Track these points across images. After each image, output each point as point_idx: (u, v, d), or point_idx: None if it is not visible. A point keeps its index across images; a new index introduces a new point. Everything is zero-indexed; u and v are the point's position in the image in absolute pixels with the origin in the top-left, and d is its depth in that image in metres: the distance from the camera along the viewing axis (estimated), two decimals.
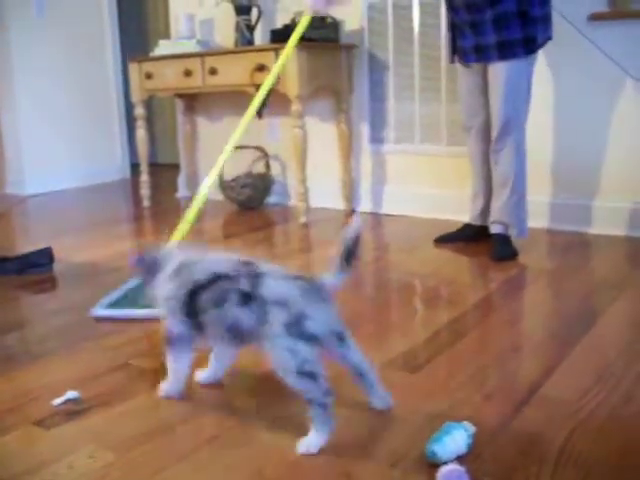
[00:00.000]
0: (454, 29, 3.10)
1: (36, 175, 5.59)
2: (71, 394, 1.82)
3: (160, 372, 1.94)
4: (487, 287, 2.68)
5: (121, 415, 1.71)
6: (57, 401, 1.80)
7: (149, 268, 1.78)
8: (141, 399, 1.80)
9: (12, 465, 1.50)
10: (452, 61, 3.21)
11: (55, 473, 1.46)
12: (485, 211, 3.24)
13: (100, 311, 2.48)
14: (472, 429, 1.48)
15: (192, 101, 4.93)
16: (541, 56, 3.28)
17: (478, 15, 2.90)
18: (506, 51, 2.88)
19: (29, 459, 1.52)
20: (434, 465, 1.40)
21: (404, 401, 1.72)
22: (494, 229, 3.11)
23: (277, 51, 3.74)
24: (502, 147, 2.99)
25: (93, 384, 1.90)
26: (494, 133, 3.00)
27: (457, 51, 3.13)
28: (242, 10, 4.20)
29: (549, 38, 2.97)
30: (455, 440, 1.42)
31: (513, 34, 2.85)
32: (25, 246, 3.59)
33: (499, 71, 2.92)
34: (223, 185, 4.50)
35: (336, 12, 4.03)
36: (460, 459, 1.42)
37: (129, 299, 2.58)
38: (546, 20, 2.92)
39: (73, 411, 1.74)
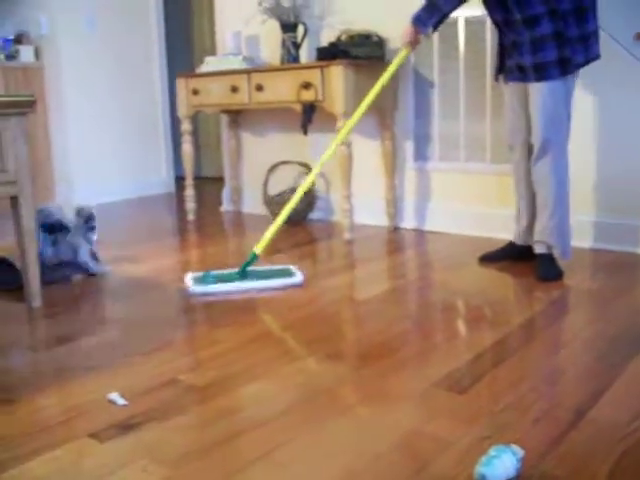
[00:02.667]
0: (502, 47, 3.13)
1: (84, 188, 5.72)
2: (121, 400, 1.89)
3: (209, 387, 1.99)
4: (532, 308, 2.67)
5: (173, 430, 1.75)
6: (112, 396, 1.91)
7: None
8: (192, 414, 1.84)
9: (66, 478, 1.54)
10: (496, 79, 3.23)
11: None
12: (529, 230, 3.23)
13: (198, 288, 2.97)
14: (520, 453, 1.48)
15: (237, 116, 5.00)
16: (586, 74, 3.28)
17: (518, 35, 2.93)
18: (541, 72, 2.90)
19: (83, 472, 1.57)
20: None
21: (451, 423, 1.74)
22: (538, 249, 3.11)
23: (323, 69, 3.78)
24: (541, 167, 2.99)
25: (144, 398, 1.95)
26: (534, 152, 3.01)
27: (504, 69, 3.15)
28: (288, 27, 4.26)
29: (596, 57, 2.96)
30: (504, 464, 1.43)
31: (548, 56, 2.86)
32: None
33: (536, 92, 2.94)
34: (267, 200, 4.55)
35: (381, 30, 4.07)
36: None
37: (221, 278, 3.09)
38: (586, 40, 2.90)
39: (126, 425, 1.79)
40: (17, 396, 1.99)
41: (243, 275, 3.09)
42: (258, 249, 3.14)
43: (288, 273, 3.13)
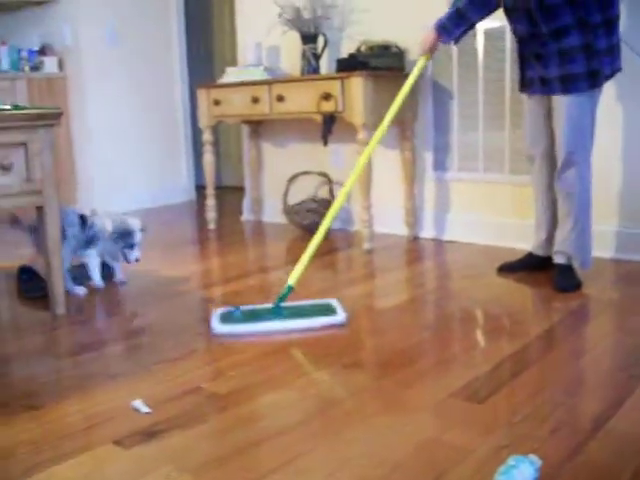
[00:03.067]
0: (522, 59, 3.12)
1: (105, 196, 5.79)
2: (144, 408, 1.94)
3: (231, 396, 2.02)
4: (550, 318, 2.68)
5: (196, 437, 1.78)
6: (136, 403, 1.95)
7: None
8: (215, 422, 1.87)
9: None
10: (521, 90, 3.20)
11: None
12: (548, 241, 3.24)
13: (225, 328, 2.62)
14: (538, 463, 1.50)
15: (258, 127, 5.04)
16: (608, 86, 3.28)
17: (543, 47, 2.91)
18: (569, 85, 2.88)
19: (108, 478, 1.60)
20: None
21: (469, 433, 1.75)
22: (557, 259, 3.11)
23: (343, 80, 3.82)
24: (566, 178, 2.99)
25: (167, 406, 1.98)
26: (558, 164, 3.01)
27: (524, 81, 3.14)
28: (309, 39, 4.30)
29: (619, 69, 2.96)
30: (522, 473, 1.45)
31: (577, 68, 2.84)
32: None
33: (562, 104, 2.92)
34: (287, 209, 4.58)
35: (401, 41, 4.10)
36: None
37: (245, 315, 2.73)
38: (612, 51, 2.90)
39: (149, 432, 1.82)
40: (42, 402, 2.03)
41: (277, 312, 2.72)
42: (292, 280, 2.78)
43: (328, 309, 2.76)
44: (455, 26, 2.97)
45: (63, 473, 1.63)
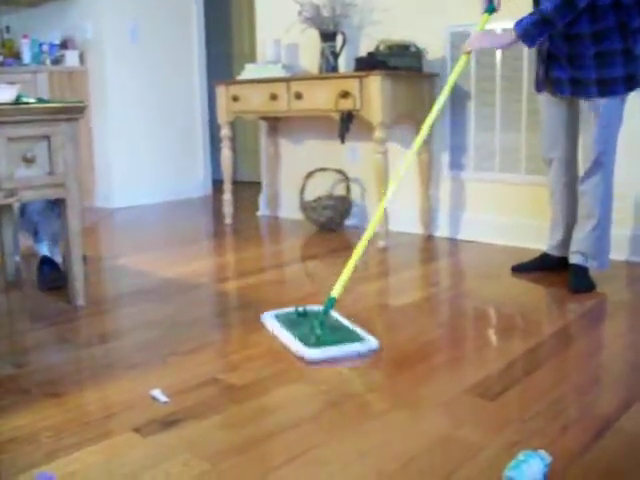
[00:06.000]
0: (549, 59, 3.03)
1: (123, 190, 5.85)
2: (163, 397, 1.99)
3: (247, 387, 2.06)
4: (564, 318, 2.70)
5: (213, 427, 1.82)
6: (154, 392, 2.01)
7: None
8: (230, 413, 1.91)
9: (111, 470, 1.62)
10: (539, 90, 3.15)
11: (154, 478, 1.57)
12: (564, 242, 3.26)
13: (314, 353, 2.31)
14: (548, 459, 1.53)
15: (276, 123, 5.08)
16: None
17: (578, 48, 2.87)
18: (607, 88, 2.86)
19: (127, 464, 1.64)
20: None
21: (481, 428, 1.79)
22: (573, 259, 3.12)
23: (361, 79, 3.85)
24: (592, 180, 2.99)
25: (184, 396, 2.02)
26: (585, 166, 3.00)
27: (548, 81, 3.07)
28: (327, 37, 4.33)
29: None
30: (532, 469, 1.48)
31: (616, 72, 2.83)
32: (113, 259, 3.79)
33: (595, 107, 2.90)
34: (304, 205, 4.62)
35: (419, 41, 4.12)
36: None
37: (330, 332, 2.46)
38: None
39: (167, 421, 1.86)
40: (63, 391, 2.08)
41: (322, 325, 2.46)
42: (336, 292, 2.58)
43: (357, 338, 2.44)
44: (539, 33, 2.81)
45: (84, 459, 1.67)
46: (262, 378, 2.15)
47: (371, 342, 2.40)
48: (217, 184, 6.33)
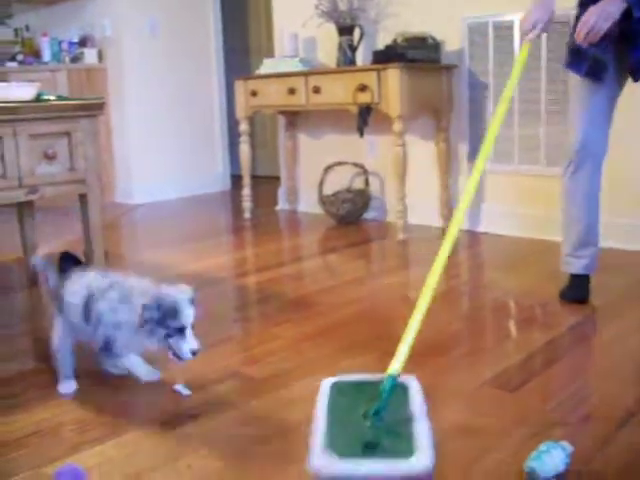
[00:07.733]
0: (623, 40, 2.49)
1: (143, 186, 5.89)
2: (186, 390, 2.02)
3: (268, 381, 2.07)
4: (584, 310, 2.68)
5: (235, 420, 1.84)
6: (177, 386, 2.03)
7: None
8: (252, 406, 1.92)
9: (134, 463, 1.64)
10: (600, 79, 2.56)
11: (176, 471, 1.59)
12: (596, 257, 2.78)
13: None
14: (570, 449, 1.53)
15: (294, 117, 5.08)
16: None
17: None
18: None
19: (151, 456, 1.66)
20: None
21: (502, 419, 1.79)
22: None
23: (379, 72, 3.84)
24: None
25: (207, 390, 2.04)
26: None
27: (623, 67, 2.57)
28: (345, 30, 4.32)
29: None
30: (553, 459, 1.48)
31: None
32: (133, 254, 3.81)
33: None
34: (323, 199, 4.62)
35: (437, 32, 4.11)
36: (558, 478, 1.47)
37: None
38: None
39: (190, 414, 1.88)
40: (86, 384, 2.10)
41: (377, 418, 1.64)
42: (396, 370, 1.80)
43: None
44: None
45: (106, 452, 1.69)
46: (284, 370, 2.16)
47: (419, 463, 1.46)
48: (236, 179, 6.34)
